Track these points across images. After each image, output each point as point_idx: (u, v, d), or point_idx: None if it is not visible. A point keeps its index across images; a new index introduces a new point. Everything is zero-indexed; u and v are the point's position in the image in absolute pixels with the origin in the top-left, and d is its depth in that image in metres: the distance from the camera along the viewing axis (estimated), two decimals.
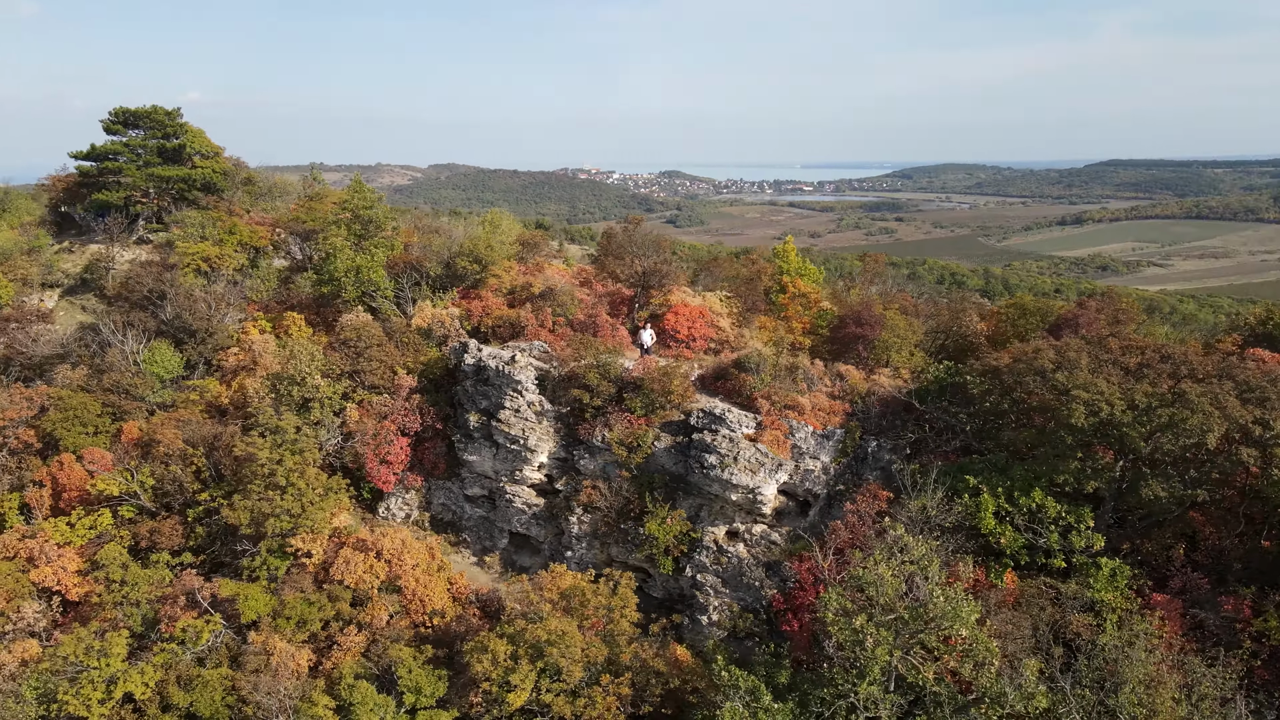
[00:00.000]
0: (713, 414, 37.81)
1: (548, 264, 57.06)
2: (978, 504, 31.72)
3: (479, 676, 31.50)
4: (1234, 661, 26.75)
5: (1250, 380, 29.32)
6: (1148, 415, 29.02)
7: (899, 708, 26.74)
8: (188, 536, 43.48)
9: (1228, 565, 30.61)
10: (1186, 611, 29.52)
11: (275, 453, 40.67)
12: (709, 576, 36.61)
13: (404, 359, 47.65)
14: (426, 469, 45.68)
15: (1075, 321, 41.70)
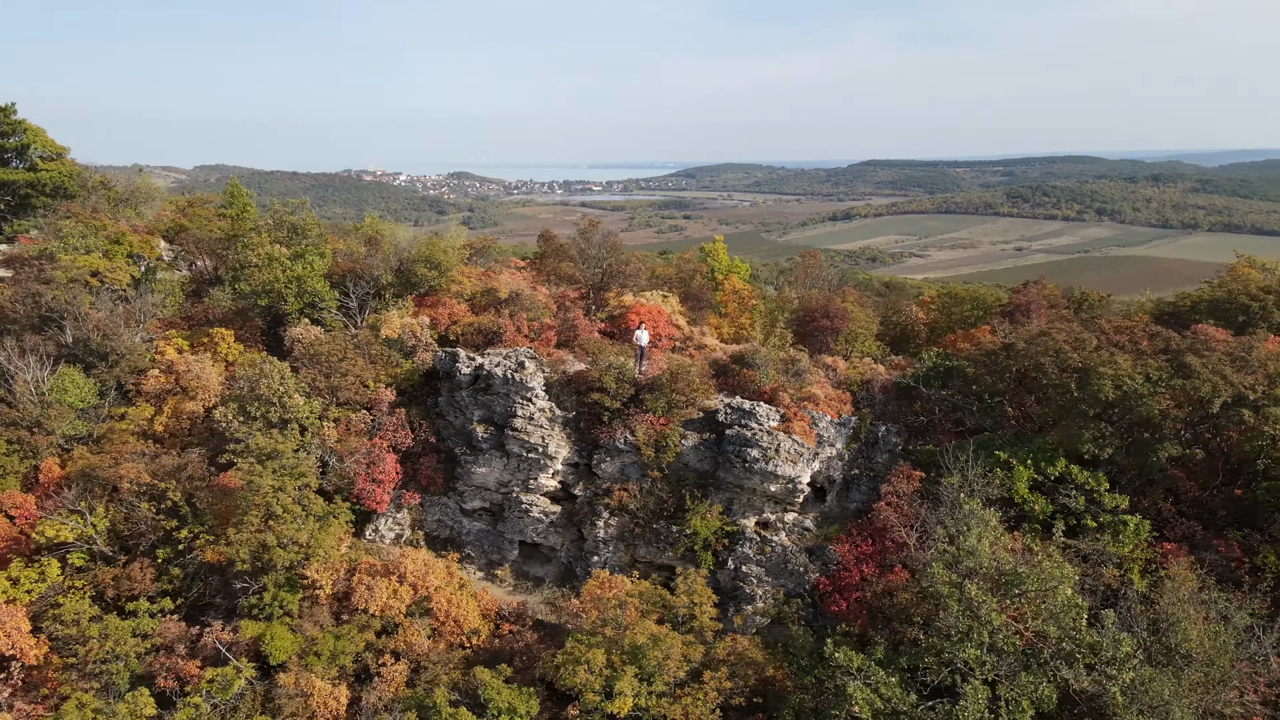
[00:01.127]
0: (742, 409, 39.07)
1: (498, 269, 55.87)
2: (1010, 475, 35.02)
3: (577, 688, 31.12)
4: (1255, 596, 31.36)
5: (1233, 351, 34.45)
6: (1162, 386, 33.38)
7: (995, 668, 29.22)
8: (161, 580, 39.36)
9: (1213, 514, 35.68)
10: (1191, 556, 34.17)
11: (276, 479, 37.68)
12: (753, 567, 37.88)
13: (377, 372, 45.38)
14: (421, 485, 43.79)
15: (1027, 308, 46.47)
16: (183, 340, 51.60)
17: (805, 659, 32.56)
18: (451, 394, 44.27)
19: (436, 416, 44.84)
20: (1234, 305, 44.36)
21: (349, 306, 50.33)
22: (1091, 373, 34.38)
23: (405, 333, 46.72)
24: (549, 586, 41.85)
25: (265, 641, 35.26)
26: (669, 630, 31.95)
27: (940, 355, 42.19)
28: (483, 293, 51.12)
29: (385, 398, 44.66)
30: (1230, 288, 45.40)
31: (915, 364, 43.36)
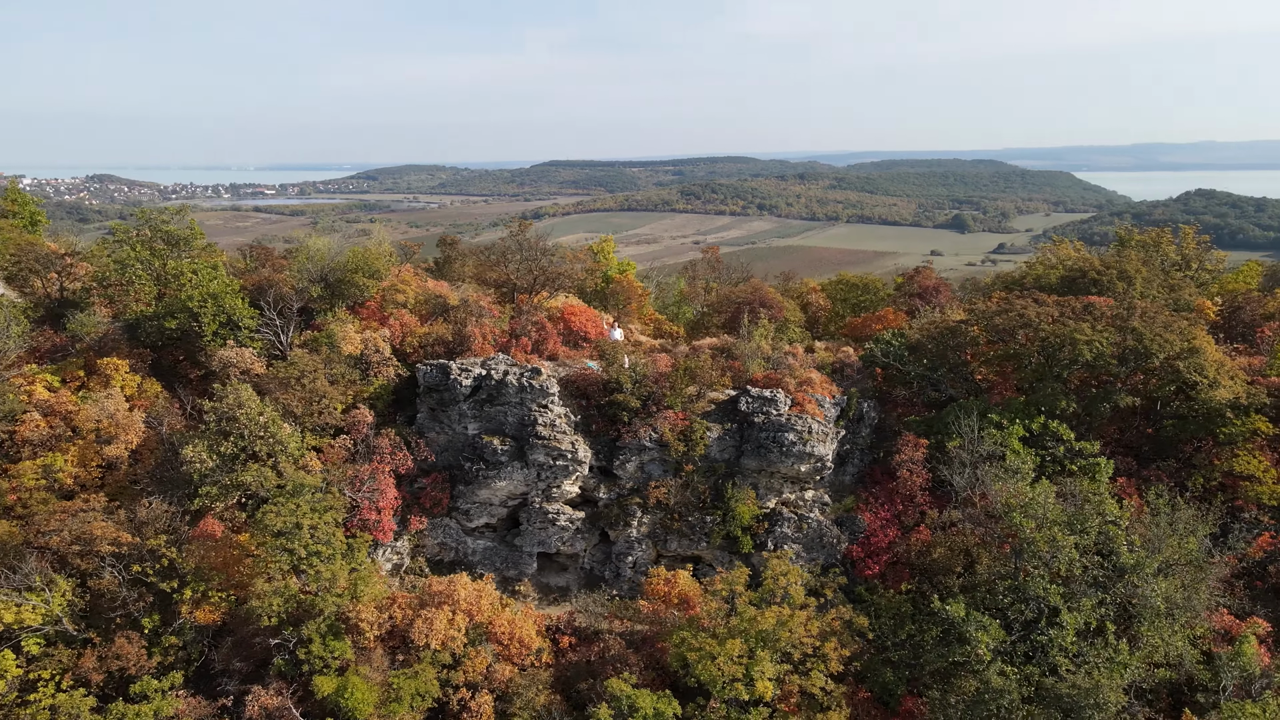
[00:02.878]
0: (764, 397, 41.03)
1: (423, 275, 52.56)
2: (1004, 434, 40.38)
3: (714, 680, 31.55)
4: (1210, 509, 39.03)
5: (1159, 316, 42.41)
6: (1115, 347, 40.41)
7: (1064, 596, 34.10)
8: (155, 653, 33.62)
9: (1138, 451, 43.59)
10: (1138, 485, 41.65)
11: (311, 517, 33.67)
12: (793, 544, 40.08)
13: (342, 392, 41.54)
14: (425, 508, 40.79)
15: (937, 289, 52.88)
16: (50, 376, 43.41)
17: (890, 619, 35.50)
18: (442, 408, 41.72)
19: (416, 434, 41.98)
20: (1085, 279, 53.66)
21: (275, 324, 45.11)
22: (1066, 340, 40.64)
23: (368, 348, 43.10)
24: (576, 595, 41.06)
25: (346, 696, 31.57)
26: (795, 612, 33.25)
27: (895, 334, 46.97)
28: (425, 301, 48.23)
29: (365, 419, 41.14)
30: (1081, 265, 54.80)
31: (867, 345, 47.78)
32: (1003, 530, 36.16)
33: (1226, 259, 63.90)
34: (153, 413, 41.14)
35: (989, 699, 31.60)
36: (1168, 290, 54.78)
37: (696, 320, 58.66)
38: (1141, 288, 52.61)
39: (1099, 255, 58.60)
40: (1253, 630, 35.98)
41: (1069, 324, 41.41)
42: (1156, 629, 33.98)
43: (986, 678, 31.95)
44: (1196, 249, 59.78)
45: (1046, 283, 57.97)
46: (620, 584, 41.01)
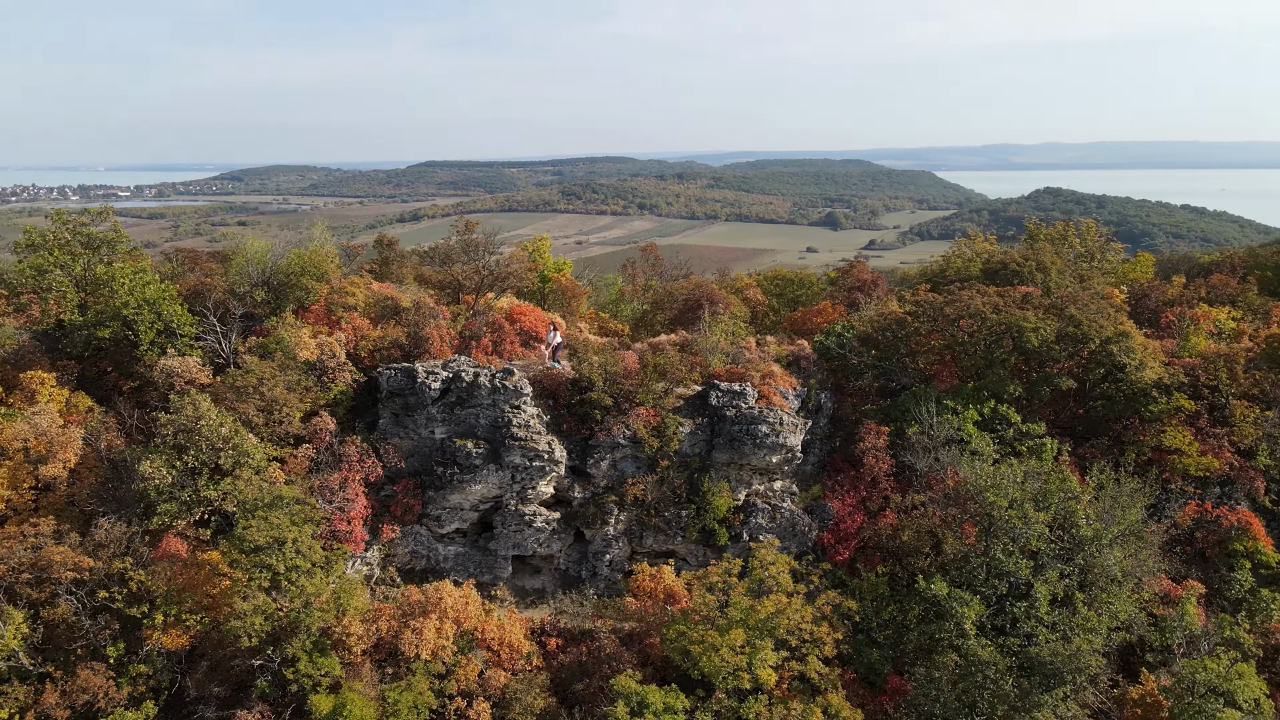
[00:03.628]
0: (734, 391, 41.63)
1: (368, 277, 50.76)
2: (960, 419, 42.37)
3: (716, 671, 31.93)
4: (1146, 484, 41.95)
5: (1092, 303, 45.27)
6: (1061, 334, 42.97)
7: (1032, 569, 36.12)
8: (120, 683, 31.56)
9: (1072, 430, 46.44)
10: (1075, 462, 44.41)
11: (293, 530, 32.23)
12: (767, 534, 40.83)
13: (304, 400, 39.88)
14: (396, 516, 39.56)
15: (875, 282, 54.84)
16: None
17: (872, 601, 36.75)
18: (407, 413, 40.61)
19: (380, 441, 40.73)
20: (1007, 270, 56.73)
21: (217, 331, 42.82)
22: (1013, 327, 42.93)
23: (325, 353, 41.49)
24: (554, 597, 40.72)
25: (344, 714, 30.34)
26: (790, 599, 33.93)
27: (845, 327, 48.50)
28: (375, 304, 46.74)
29: (327, 426, 39.65)
30: (1001, 259, 57.89)
31: (817, 339, 49.16)
32: (974, 510, 37.90)
33: (1123, 250, 68.64)
34: (90, 428, 38.43)
35: (975, 670, 33.15)
36: (1078, 280, 58.44)
37: (639, 318, 58.97)
38: (1056, 278, 55.98)
39: (1012, 249, 61.89)
40: (1193, 593, 38.97)
41: (1014, 312, 43.75)
42: (1114, 595, 36.36)
43: (971, 650, 33.50)
44: (1099, 242, 64.01)
45: (968, 274, 60.89)
46: (597, 583, 40.89)
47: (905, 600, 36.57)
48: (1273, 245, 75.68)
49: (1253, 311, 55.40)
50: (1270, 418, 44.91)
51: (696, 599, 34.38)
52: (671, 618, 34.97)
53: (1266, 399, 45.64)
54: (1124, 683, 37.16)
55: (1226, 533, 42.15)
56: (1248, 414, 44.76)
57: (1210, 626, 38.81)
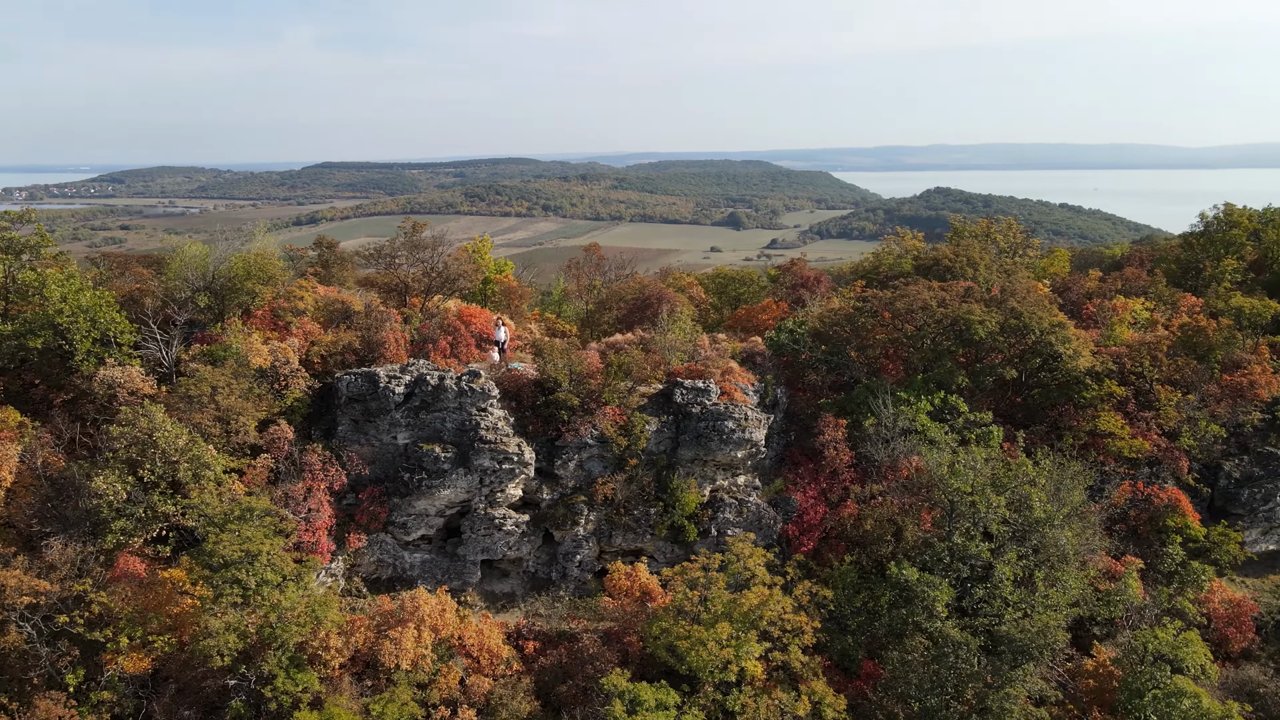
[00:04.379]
0: (698, 388, 42.02)
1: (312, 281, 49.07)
2: (914, 410, 43.81)
3: (704, 665, 32.25)
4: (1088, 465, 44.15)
5: (1030, 296, 47.39)
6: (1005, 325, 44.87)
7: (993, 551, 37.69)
8: (82, 712, 29.93)
9: (1012, 417, 48.54)
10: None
11: (266, 543, 31.09)
12: (735, 529, 41.35)
13: (260, 408, 38.46)
14: (362, 525, 38.48)
15: (819, 279, 56.13)
16: None
17: (844, 589, 37.68)
18: (368, 419, 39.60)
19: (339, 448, 39.64)
20: (939, 266, 58.92)
21: (158, 339, 40.85)
22: (960, 320, 44.60)
23: (278, 359, 40.09)
24: (524, 600, 40.34)
25: None
26: (771, 591, 34.45)
27: (797, 323, 49.51)
28: (325, 308, 45.39)
29: (285, 435, 38.37)
30: (934, 255, 60.06)
31: (768, 335, 50.06)
32: (936, 496, 39.24)
33: (1040, 245, 72.01)
34: (26, 444, 36.21)
35: (947, 651, 34.37)
36: (1004, 275, 61.02)
37: (584, 318, 58.86)
38: (984, 273, 58.39)
39: (942, 245, 64.26)
40: (1133, 568, 41.28)
41: (961, 306, 45.49)
42: (1068, 574, 38.20)
43: (943, 632, 34.73)
44: (1020, 238, 67.02)
45: (901, 271, 62.96)
46: (568, 583, 40.69)
47: (875, 587, 37.60)
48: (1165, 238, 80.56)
49: (1163, 302, 58.87)
50: (1191, 401, 47.93)
51: (678, 595, 34.58)
52: (653, 615, 35.09)
53: (1186, 384, 48.65)
54: (1077, 655, 39.12)
55: (1158, 510, 44.80)
56: (1171, 398, 47.63)
57: (1150, 599, 41.23)
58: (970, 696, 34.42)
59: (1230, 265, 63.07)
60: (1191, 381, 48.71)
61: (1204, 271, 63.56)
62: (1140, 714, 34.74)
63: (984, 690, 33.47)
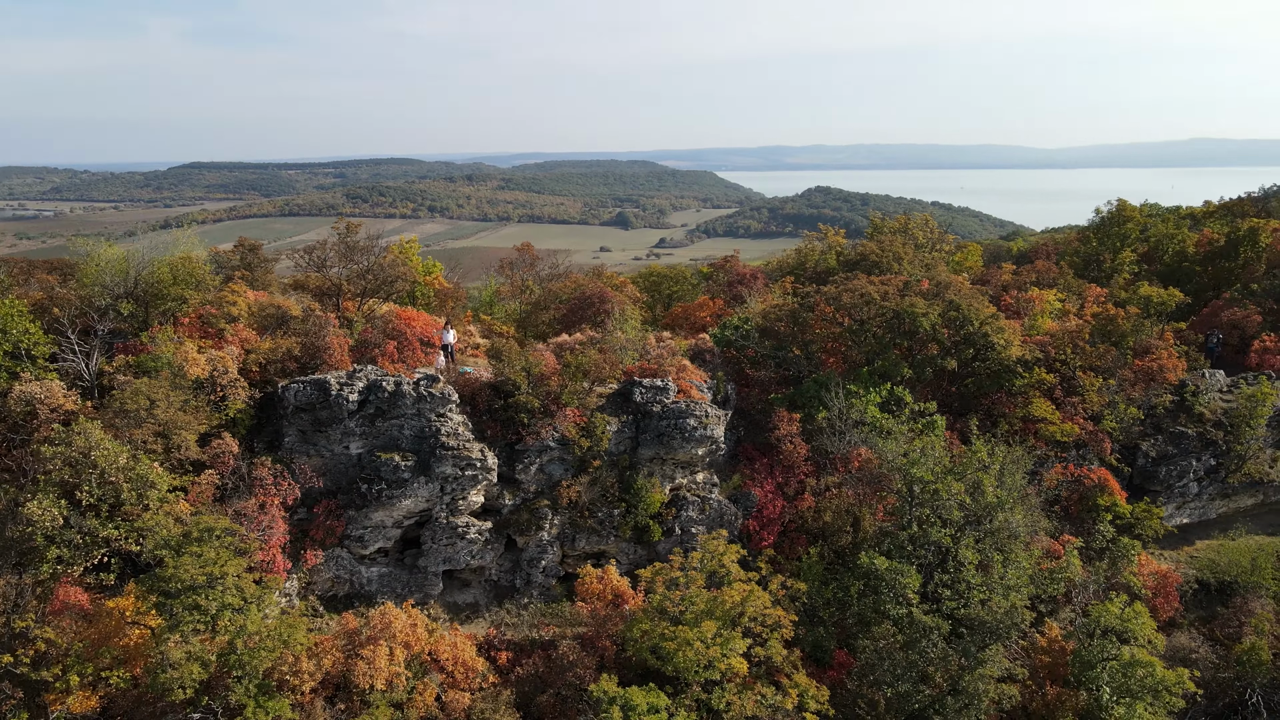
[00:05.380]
0: (657, 386, 41.70)
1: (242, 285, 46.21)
2: (864, 402, 44.71)
3: (690, 665, 32.00)
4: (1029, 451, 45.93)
5: (965, 289, 48.99)
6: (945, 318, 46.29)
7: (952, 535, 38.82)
8: None
9: (950, 406, 50.17)
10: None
11: (232, 564, 29.15)
12: (698, 526, 41.25)
13: (200, 421, 36.11)
14: (318, 540, 36.51)
15: (755, 276, 56.62)
16: None
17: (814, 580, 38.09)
18: (318, 429, 37.69)
19: (286, 460, 37.62)
20: (866, 261, 60.47)
21: (78, 350, 37.85)
22: (905, 313, 45.76)
23: (217, 369, 37.73)
24: (488, 609, 39.19)
25: None
26: (751, 587, 34.42)
27: (741, 319, 49.83)
28: (260, 313, 42.97)
29: (230, 449, 36.13)
30: (861, 250, 61.54)
31: (712, 331, 50.25)
32: (896, 485, 40.12)
33: (954, 240, 74.82)
34: None
35: (919, 637, 35.18)
36: (924, 269, 63.09)
37: (521, 319, 57.74)
38: (908, 267, 60.25)
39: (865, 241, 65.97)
40: (1074, 546, 43.21)
41: (905, 299, 46.70)
42: (1020, 555, 39.68)
43: (914, 618, 35.51)
44: (936, 233, 69.44)
45: (827, 266, 64.35)
46: (531, 590, 39.75)
47: (844, 577, 38.15)
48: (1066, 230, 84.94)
49: (1072, 292, 62.04)
50: (1112, 385, 50.61)
51: (658, 595, 34.20)
52: (632, 617, 34.59)
53: (1104, 370, 51.34)
54: (1031, 631, 40.67)
55: (1089, 490, 47.08)
56: (1093, 384, 50.17)
57: (1089, 576, 43.30)
58: (941, 680, 35.37)
59: (1127, 257, 67.04)
60: (1109, 368, 51.41)
61: (1105, 263, 67.35)
62: (1094, 685, 36.44)
63: (957, 673, 34.38)
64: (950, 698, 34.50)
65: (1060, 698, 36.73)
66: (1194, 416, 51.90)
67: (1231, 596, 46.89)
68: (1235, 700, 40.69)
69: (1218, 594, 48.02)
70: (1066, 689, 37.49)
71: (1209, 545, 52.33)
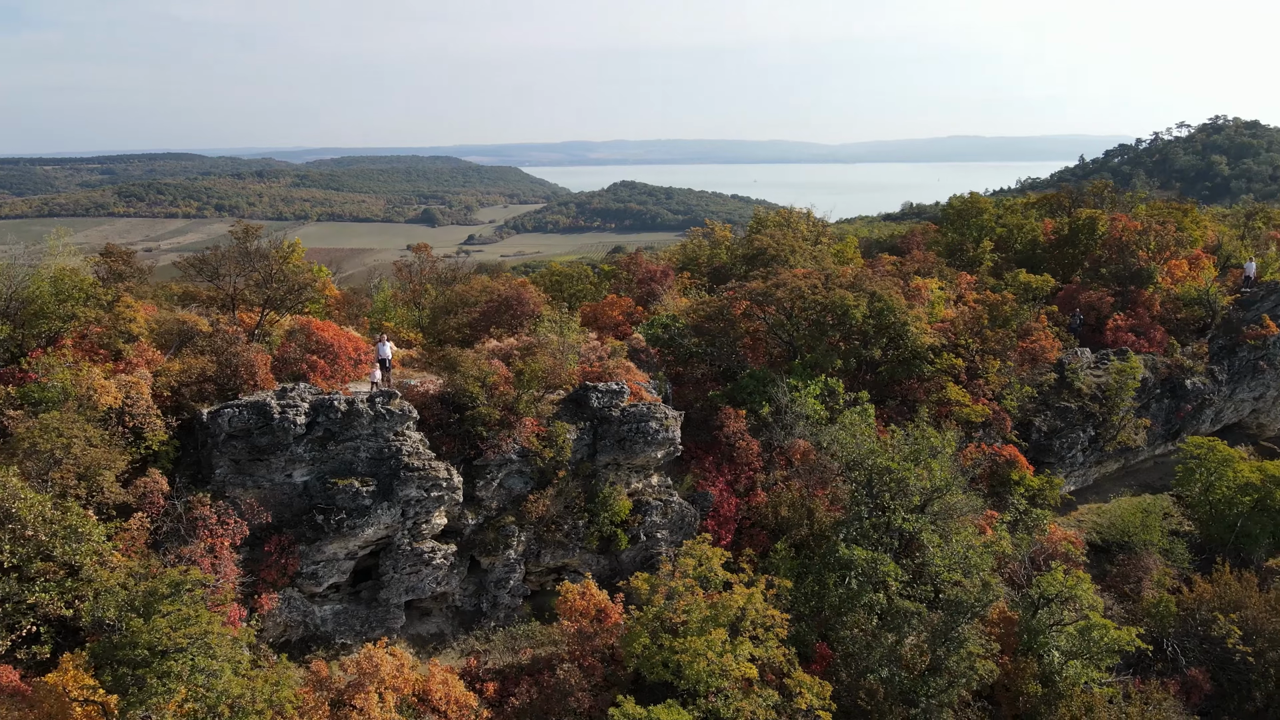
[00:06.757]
0: (613, 390, 40.22)
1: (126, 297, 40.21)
2: (806, 394, 45.26)
3: (703, 676, 31.13)
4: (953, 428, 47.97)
5: (881, 281, 50.52)
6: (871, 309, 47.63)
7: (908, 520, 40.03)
8: None
9: (874, 392, 51.76)
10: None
11: (214, 622, 25.38)
12: (662, 531, 40.24)
13: (122, 457, 31.35)
14: (270, 581, 32.47)
15: (666, 273, 56.08)
16: None
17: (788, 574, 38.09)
18: (257, 458, 33.64)
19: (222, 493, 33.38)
20: (764, 255, 61.39)
21: None
22: (836, 306, 46.61)
23: (130, 396, 32.86)
24: (455, 638, 36.49)
25: None
26: (752, 589, 33.79)
27: (671, 317, 49.12)
28: (162, 330, 37.85)
29: (159, 487, 31.68)
30: (758, 245, 62.35)
31: (640, 329, 49.30)
32: (856, 476, 40.81)
33: (831, 233, 77.33)
34: None
35: (901, 622, 35.98)
36: (814, 261, 64.87)
37: (426, 325, 54.27)
38: (801, 260, 61.76)
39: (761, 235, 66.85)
40: (1001, 522, 45.72)
41: (836, 292, 47.60)
42: (966, 533, 41.47)
43: (895, 605, 36.28)
44: (819, 226, 71.54)
45: (719, 261, 64.90)
46: (498, 613, 37.42)
47: (821, 570, 38.37)
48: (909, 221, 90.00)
49: (948, 280, 65.70)
50: (1010, 367, 53.97)
51: (656, 607, 32.99)
52: (629, 633, 33.12)
53: (998, 353, 54.63)
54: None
55: (1001, 466, 49.97)
56: (993, 365, 53.30)
57: (1015, 547, 45.93)
58: (919, 662, 36.34)
59: (988, 246, 71.85)
60: (1002, 351, 54.78)
61: (968, 252, 71.86)
62: (1043, 651, 38.68)
63: (943, 654, 35.40)
64: (934, 678, 35.48)
65: (1020, 666, 38.64)
66: (1074, 392, 56.30)
67: (1116, 554, 51.22)
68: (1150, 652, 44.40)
69: (1104, 553, 52.39)
70: (1021, 658, 39.51)
71: (1090, 509, 57.08)
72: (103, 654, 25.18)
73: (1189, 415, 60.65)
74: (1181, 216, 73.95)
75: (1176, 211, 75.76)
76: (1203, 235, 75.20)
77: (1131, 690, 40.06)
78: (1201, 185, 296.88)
